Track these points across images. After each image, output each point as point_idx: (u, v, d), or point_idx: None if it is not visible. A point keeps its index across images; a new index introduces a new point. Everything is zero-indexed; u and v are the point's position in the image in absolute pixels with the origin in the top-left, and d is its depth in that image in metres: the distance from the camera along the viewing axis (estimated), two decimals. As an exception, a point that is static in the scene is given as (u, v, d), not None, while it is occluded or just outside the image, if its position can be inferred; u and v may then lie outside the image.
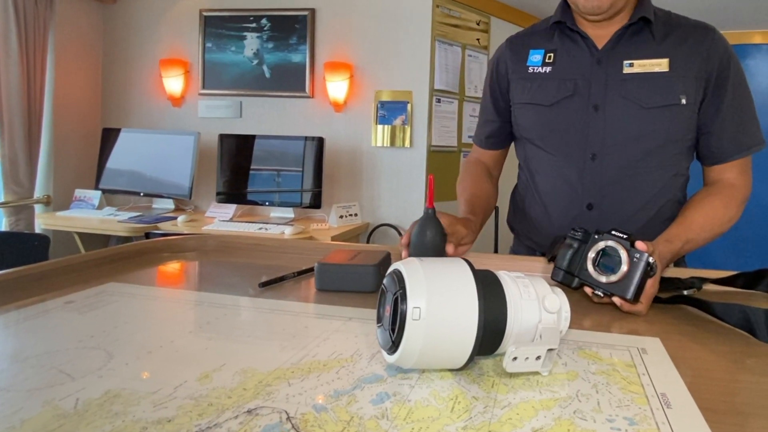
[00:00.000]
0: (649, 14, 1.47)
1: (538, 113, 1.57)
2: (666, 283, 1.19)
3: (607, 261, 1.10)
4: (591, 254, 1.12)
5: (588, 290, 1.12)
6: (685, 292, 1.17)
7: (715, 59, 1.44)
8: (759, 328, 0.86)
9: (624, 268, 1.06)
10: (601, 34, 1.52)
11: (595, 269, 1.10)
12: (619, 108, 1.47)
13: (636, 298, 1.04)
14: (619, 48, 1.50)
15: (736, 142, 1.48)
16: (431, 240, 1.18)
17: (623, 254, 1.07)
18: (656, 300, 1.07)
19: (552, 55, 1.58)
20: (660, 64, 1.45)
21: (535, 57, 1.60)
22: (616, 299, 1.07)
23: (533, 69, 1.59)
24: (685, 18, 1.54)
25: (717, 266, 1.34)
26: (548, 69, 1.57)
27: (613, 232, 1.11)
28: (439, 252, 1.19)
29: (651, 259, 1.05)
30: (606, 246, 1.10)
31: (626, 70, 1.47)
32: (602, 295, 1.09)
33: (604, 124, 1.48)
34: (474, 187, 1.66)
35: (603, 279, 1.08)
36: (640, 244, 1.06)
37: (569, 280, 1.16)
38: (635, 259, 1.06)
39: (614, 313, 1.03)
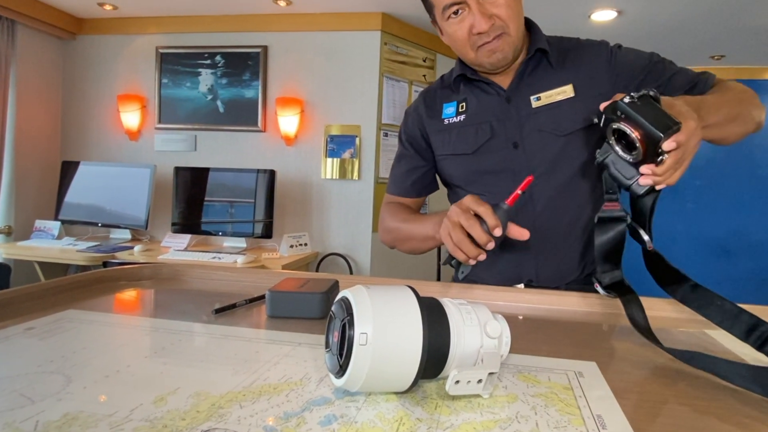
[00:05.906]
0: (543, 45, 1.47)
1: (463, 161, 1.55)
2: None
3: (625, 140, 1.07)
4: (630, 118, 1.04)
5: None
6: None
7: (621, 67, 1.44)
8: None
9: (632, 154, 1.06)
10: (503, 75, 1.51)
11: (622, 122, 1.06)
12: (537, 141, 1.45)
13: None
14: (524, 84, 1.49)
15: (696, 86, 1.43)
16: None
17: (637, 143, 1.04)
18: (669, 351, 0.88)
19: (464, 104, 1.56)
20: (565, 92, 1.45)
21: (449, 110, 1.58)
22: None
23: (449, 120, 1.57)
24: (576, 39, 1.54)
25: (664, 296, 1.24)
26: (462, 117, 1.55)
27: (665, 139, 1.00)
28: None
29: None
30: (626, 131, 1.05)
31: (535, 104, 1.46)
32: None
33: (526, 159, 1.46)
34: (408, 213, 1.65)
35: (614, 143, 1.10)
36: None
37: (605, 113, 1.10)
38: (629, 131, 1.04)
39: (553, 339, 1.03)
